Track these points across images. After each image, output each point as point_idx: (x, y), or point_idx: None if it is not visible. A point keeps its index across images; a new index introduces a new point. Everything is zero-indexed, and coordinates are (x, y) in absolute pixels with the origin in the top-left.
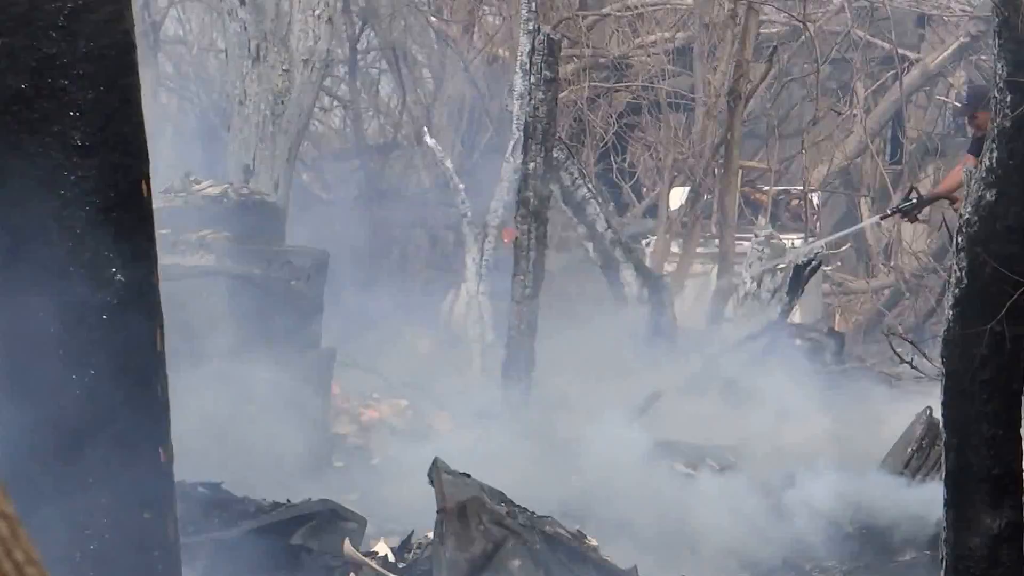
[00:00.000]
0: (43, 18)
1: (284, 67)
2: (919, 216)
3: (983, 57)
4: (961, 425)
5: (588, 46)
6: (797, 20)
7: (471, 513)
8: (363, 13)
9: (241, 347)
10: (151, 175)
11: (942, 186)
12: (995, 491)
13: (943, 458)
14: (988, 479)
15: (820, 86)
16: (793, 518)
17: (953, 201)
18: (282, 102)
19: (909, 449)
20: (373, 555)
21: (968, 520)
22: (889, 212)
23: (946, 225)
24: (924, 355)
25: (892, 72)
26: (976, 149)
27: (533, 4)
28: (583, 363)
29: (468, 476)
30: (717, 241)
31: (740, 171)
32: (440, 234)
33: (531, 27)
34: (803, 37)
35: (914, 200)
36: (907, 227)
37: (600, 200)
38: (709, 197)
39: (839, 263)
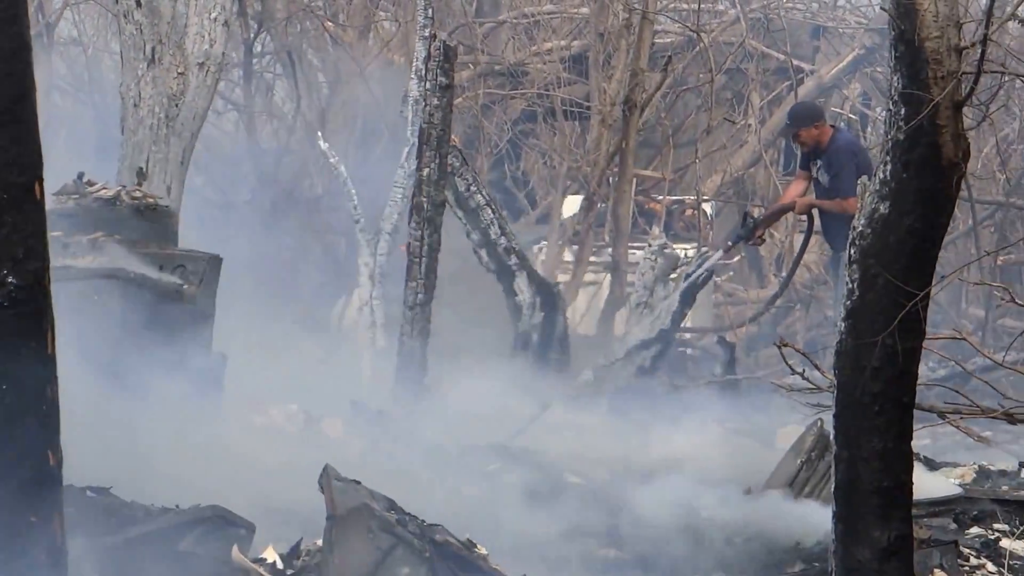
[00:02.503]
0: None
1: (179, 70)
2: (762, 238)
3: (878, 69)
4: (852, 437)
5: (484, 53)
6: (692, 30)
7: (360, 520)
8: (259, 17)
9: (132, 350)
10: (43, 177)
11: (776, 205)
12: (885, 504)
13: (833, 470)
14: (878, 492)
15: (715, 96)
16: (682, 529)
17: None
18: (177, 105)
19: (799, 461)
20: (262, 561)
21: (857, 533)
22: (731, 244)
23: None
24: (816, 366)
25: (787, 83)
26: (805, 164)
27: (429, 10)
28: (475, 370)
29: (358, 483)
30: (610, 250)
31: (634, 180)
32: (333, 239)
33: (427, 33)
34: (698, 47)
35: (750, 224)
36: (799, 238)
37: (494, 207)
38: (603, 206)
39: (731, 273)
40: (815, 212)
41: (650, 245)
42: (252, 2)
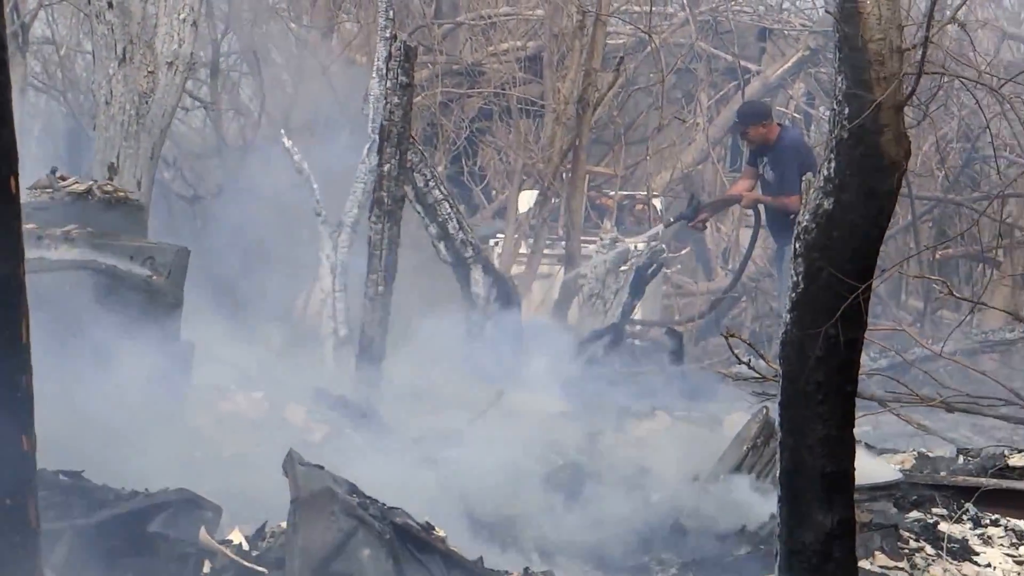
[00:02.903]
0: None
1: (149, 69)
2: (704, 223)
3: (821, 70)
4: (796, 425)
5: (442, 53)
6: (643, 32)
7: (323, 503)
8: (226, 18)
9: (103, 339)
10: (18, 171)
11: (724, 196)
12: (828, 489)
13: (778, 456)
14: (821, 477)
15: (665, 96)
16: (632, 513)
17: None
18: (147, 102)
19: (745, 447)
20: (228, 543)
21: (801, 517)
22: (673, 220)
23: (770, 232)
24: (761, 356)
25: (734, 83)
26: (753, 161)
27: (390, 12)
28: (433, 359)
29: (321, 467)
30: (564, 243)
31: (587, 176)
32: (295, 232)
33: (388, 34)
34: (649, 48)
35: (695, 206)
36: (745, 232)
37: (452, 202)
38: (557, 200)
39: (679, 266)
40: (761, 207)
41: (602, 239)
42: (219, 3)
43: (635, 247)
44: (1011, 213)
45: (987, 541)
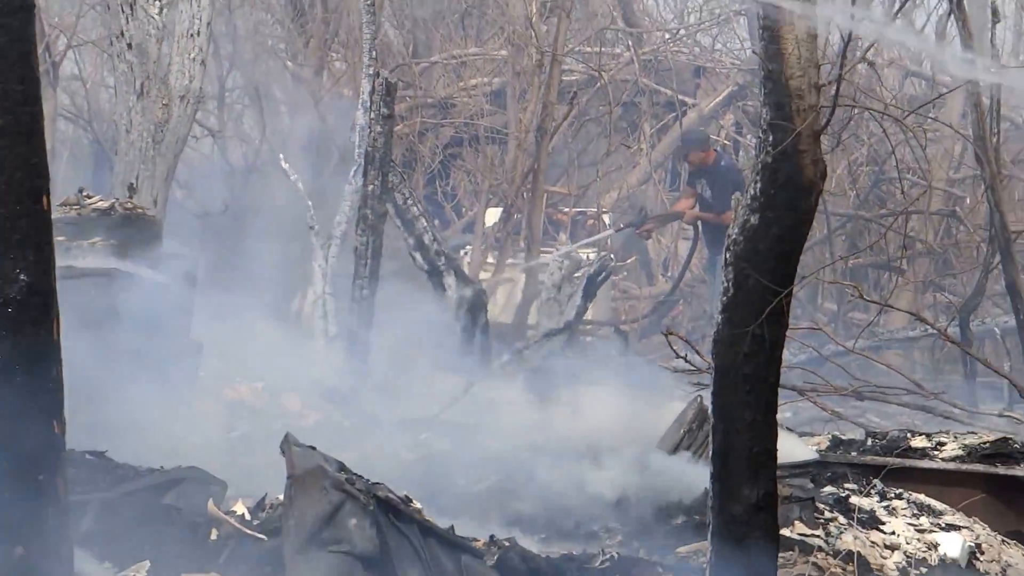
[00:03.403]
0: None
1: (164, 102)
2: (649, 232)
3: (749, 103)
4: (727, 411)
5: (419, 88)
6: (594, 70)
7: (315, 479)
8: (231, 57)
9: (124, 337)
10: (50, 191)
11: (669, 211)
12: (754, 467)
13: (711, 438)
14: (748, 457)
15: (612, 125)
16: (584, 488)
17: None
18: (162, 131)
19: (682, 430)
20: (232, 513)
21: (731, 491)
22: (623, 226)
23: (705, 244)
24: (696, 351)
25: (673, 115)
26: (692, 182)
27: (373, 52)
28: (410, 354)
29: (313, 448)
30: (525, 253)
31: (545, 195)
32: (291, 243)
33: (371, 71)
34: (598, 84)
35: (643, 216)
36: (683, 244)
37: (427, 217)
38: (519, 216)
39: (625, 273)
40: (698, 222)
41: (558, 249)
42: (225, 44)
43: (586, 257)
44: (913, 228)
45: (892, 512)
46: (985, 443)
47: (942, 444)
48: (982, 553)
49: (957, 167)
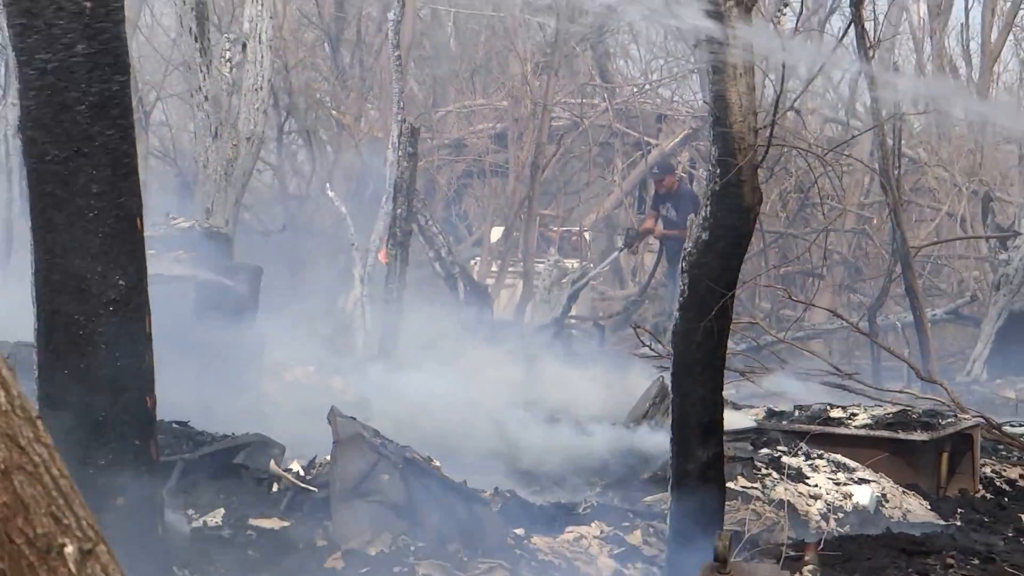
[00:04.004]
0: (74, 106)
1: (233, 143)
2: (636, 248)
3: (701, 143)
4: (683, 389)
5: (437, 131)
6: (576, 117)
7: (355, 443)
8: (287, 107)
9: (202, 330)
10: (143, 214)
11: (643, 228)
12: (705, 433)
13: (670, 410)
14: (700, 425)
15: (591, 161)
16: (569, 450)
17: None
18: (232, 166)
19: (647, 404)
20: (289, 471)
21: (687, 452)
22: (623, 247)
23: (666, 255)
24: (659, 341)
25: (640, 152)
26: (655, 205)
27: (401, 103)
28: (430, 343)
29: (354, 419)
30: (522, 263)
31: (538, 216)
32: (336, 256)
33: (399, 118)
34: (580, 128)
35: (633, 235)
36: (648, 256)
37: (444, 235)
38: (517, 234)
39: (602, 279)
40: (662, 238)
41: (549, 260)
42: (282, 96)
43: (571, 266)
44: (832, 242)
45: (815, 469)
46: (889, 414)
47: (855, 415)
48: (887, 501)
49: (866, 194)
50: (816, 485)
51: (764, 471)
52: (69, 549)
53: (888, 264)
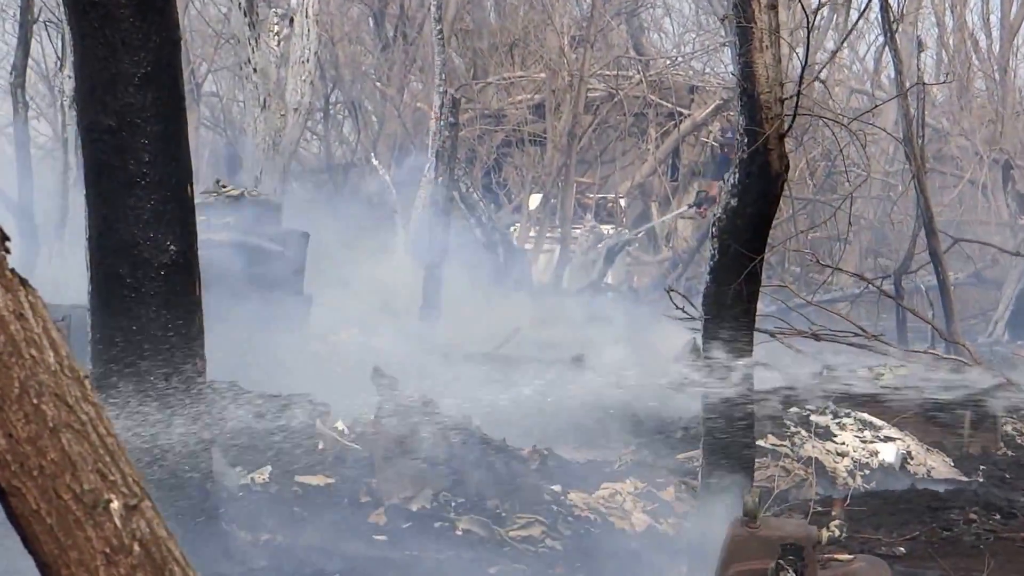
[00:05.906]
0: (125, 78)
1: (281, 113)
2: (704, 212)
3: (731, 113)
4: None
5: (478, 102)
6: (612, 88)
7: (397, 403)
8: (333, 79)
9: (253, 292)
10: (194, 182)
11: (711, 192)
12: None
13: None
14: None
15: (626, 131)
16: (607, 409)
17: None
18: (280, 136)
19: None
20: (334, 429)
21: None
22: (688, 206)
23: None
24: (692, 304)
25: (673, 123)
26: (722, 172)
27: (443, 74)
28: (473, 306)
29: (396, 379)
30: (560, 229)
31: (575, 184)
32: (380, 222)
33: (441, 90)
34: (616, 99)
35: (703, 196)
36: (681, 221)
37: (484, 202)
38: (554, 201)
39: (636, 244)
40: None
41: (585, 226)
42: (328, 68)
43: (607, 232)
44: (857, 208)
45: (842, 427)
46: (913, 374)
47: (881, 375)
48: (912, 459)
49: (891, 162)
50: (843, 443)
51: (793, 429)
52: (115, 505)
53: (912, 229)
